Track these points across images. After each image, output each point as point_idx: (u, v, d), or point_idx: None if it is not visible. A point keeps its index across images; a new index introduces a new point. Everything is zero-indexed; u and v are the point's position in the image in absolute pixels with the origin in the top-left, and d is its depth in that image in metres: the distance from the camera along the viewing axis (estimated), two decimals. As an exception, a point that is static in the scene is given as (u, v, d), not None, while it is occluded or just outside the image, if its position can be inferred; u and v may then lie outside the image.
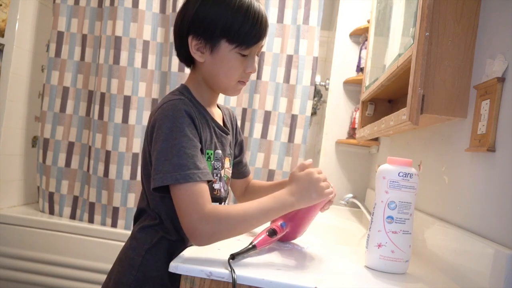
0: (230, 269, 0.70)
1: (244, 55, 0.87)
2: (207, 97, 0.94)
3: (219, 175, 0.93)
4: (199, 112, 0.89)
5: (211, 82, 0.91)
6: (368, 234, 0.86)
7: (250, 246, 0.82)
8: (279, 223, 0.91)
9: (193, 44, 0.87)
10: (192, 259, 0.76)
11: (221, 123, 0.98)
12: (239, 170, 1.12)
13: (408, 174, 0.82)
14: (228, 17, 0.84)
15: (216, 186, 0.92)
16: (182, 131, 0.80)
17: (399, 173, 0.82)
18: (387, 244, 0.82)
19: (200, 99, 0.92)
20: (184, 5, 0.89)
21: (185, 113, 0.82)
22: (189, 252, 0.81)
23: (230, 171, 1.01)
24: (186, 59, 0.93)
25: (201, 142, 0.85)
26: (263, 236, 0.86)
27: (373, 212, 0.85)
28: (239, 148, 1.11)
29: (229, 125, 1.03)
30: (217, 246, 0.86)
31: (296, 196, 0.83)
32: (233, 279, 0.68)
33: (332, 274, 0.80)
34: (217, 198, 0.94)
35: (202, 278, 0.72)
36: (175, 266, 0.73)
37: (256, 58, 0.91)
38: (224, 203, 0.97)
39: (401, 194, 0.82)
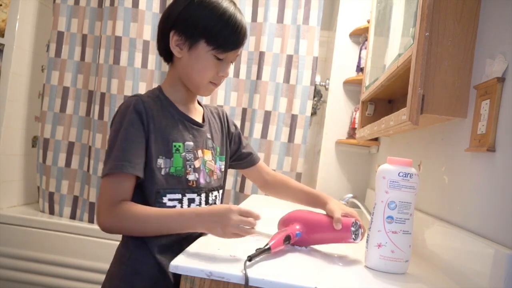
0: (244, 271, 0.70)
1: (219, 59, 0.92)
2: (181, 95, 0.99)
3: (192, 166, 0.95)
4: (162, 109, 0.94)
5: (185, 79, 0.96)
6: (368, 234, 0.86)
7: (266, 248, 0.81)
8: (296, 232, 0.90)
9: (174, 39, 0.92)
10: (192, 259, 0.76)
11: (198, 118, 1.02)
12: (243, 161, 1.15)
13: (408, 174, 0.82)
14: (211, 20, 0.89)
15: (191, 177, 0.94)
16: (126, 127, 0.88)
17: (399, 173, 0.82)
18: (387, 244, 0.82)
19: (172, 97, 0.97)
20: (173, 3, 0.95)
21: (133, 110, 0.88)
22: (189, 252, 0.81)
23: (213, 164, 1.02)
24: (166, 54, 0.98)
25: (149, 139, 0.89)
26: (279, 240, 0.85)
27: (373, 212, 0.85)
28: (236, 141, 1.14)
29: (214, 121, 1.07)
30: (217, 246, 0.86)
31: (203, 224, 0.84)
32: (246, 280, 0.69)
33: (332, 274, 0.80)
34: (193, 189, 0.95)
35: (202, 278, 0.72)
36: (175, 266, 0.73)
37: (232, 66, 0.97)
38: (204, 195, 0.98)
39: (401, 194, 0.82)
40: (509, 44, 0.77)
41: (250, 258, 0.75)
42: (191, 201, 0.95)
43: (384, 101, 1.60)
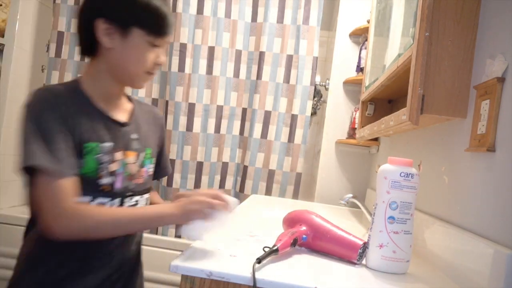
0: (252, 273, 0.69)
1: (155, 45, 0.88)
2: (105, 90, 0.90)
3: (106, 169, 0.86)
4: (77, 104, 0.84)
5: (117, 71, 0.88)
6: (369, 235, 0.86)
7: (273, 249, 0.80)
8: (302, 236, 0.89)
9: (102, 27, 0.84)
10: (192, 259, 0.76)
11: (122, 116, 0.93)
12: (156, 171, 1.06)
13: (409, 174, 0.82)
14: (144, 6, 0.85)
15: (104, 181, 0.85)
16: (45, 125, 0.78)
17: (400, 173, 0.82)
18: (388, 244, 0.82)
19: (93, 92, 0.88)
20: None
21: (47, 107, 0.79)
22: (189, 252, 0.81)
23: (136, 166, 0.93)
24: (87, 46, 0.88)
25: (73, 134, 0.81)
26: (287, 242, 0.84)
27: (374, 213, 0.85)
28: (160, 150, 1.06)
29: (145, 120, 0.99)
30: (217, 246, 0.86)
31: (182, 208, 0.79)
32: (254, 282, 0.68)
33: (332, 274, 0.80)
34: (106, 194, 0.86)
35: (202, 278, 0.72)
36: (175, 266, 0.73)
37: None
38: (119, 199, 0.89)
39: (403, 194, 0.82)
40: (509, 44, 0.77)
41: (259, 260, 0.74)
42: (101, 206, 0.85)
43: (384, 101, 1.60)
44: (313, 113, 2.26)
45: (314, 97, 2.14)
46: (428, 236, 1.00)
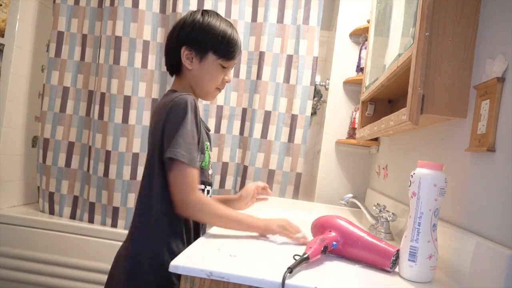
0: (282, 284, 0.69)
1: (224, 67, 1.09)
2: None
3: (211, 163, 1.12)
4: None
5: (195, 87, 1.10)
6: (416, 247, 0.81)
7: (304, 257, 0.79)
8: (333, 242, 0.89)
9: (185, 53, 1.06)
10: (192, 259, 0.76)
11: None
12: None
13: (446, 178, 0.81)
14: (217, 36, 1.06)
15: (210, 171, 1.12)
16: (191, 123, 0.98)
17: (445, 179, 0.80)
18: (435, 253, 0.80)
19: None
20: (180, 26, 1.08)
21: (195, 109, 0.99)
22: (189, 252, 0.81)
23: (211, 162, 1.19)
24: (173, 67, 1.11)
25: (200, 134, 1.02)
26: (317, 249, 0.84)
27: (418, 222, 0.81)
28: None
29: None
30: (217, 246, 0.86)
31: (265, 223, 1.00)
32: None
33: (332, 274, 0.80)
34: (209, 182, 1.11)
35: (202, 278, 0.72)
36: (175, 266, 0.73)
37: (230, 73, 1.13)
38: (211, 187, 1.14)
39: (442, 199, 0.80)
40: (509, 44, 0.77)
41: (291, 270, 0.73)
42: (207, 192, 1.09)
43: (384, 101, 1.60)
44: (313, 113, 2.26)
45: (314, 97, 2.13)
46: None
